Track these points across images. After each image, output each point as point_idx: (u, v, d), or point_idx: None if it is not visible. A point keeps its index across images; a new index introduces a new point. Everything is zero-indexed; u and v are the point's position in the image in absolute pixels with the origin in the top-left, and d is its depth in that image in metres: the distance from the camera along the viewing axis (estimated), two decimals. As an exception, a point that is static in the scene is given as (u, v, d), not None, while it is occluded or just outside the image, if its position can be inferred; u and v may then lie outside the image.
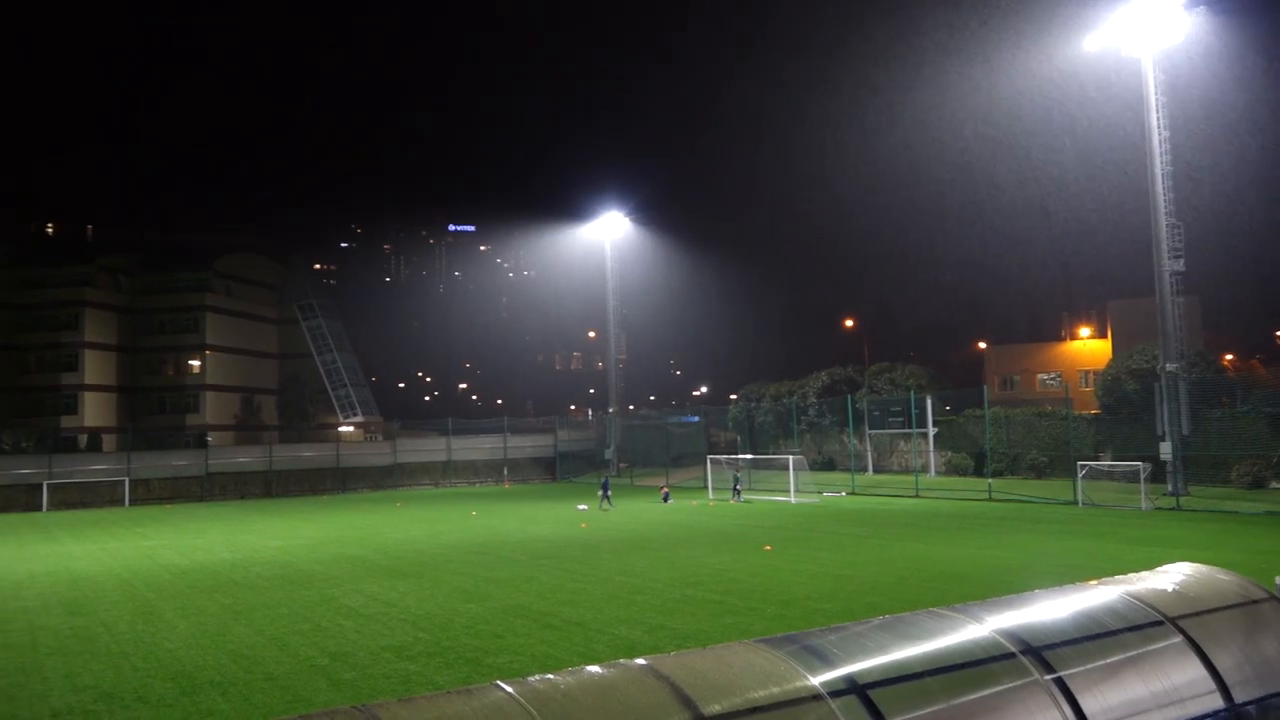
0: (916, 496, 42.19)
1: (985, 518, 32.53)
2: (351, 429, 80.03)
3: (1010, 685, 5.83)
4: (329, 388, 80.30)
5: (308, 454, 64.54)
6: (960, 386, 55.81)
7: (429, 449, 67.61)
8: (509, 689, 4.81)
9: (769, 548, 25.23)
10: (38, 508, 54.07)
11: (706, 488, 47.24)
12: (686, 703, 4.88)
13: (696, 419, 70.33)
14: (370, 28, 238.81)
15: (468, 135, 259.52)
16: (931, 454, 49.42)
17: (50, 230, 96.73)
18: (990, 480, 41.54)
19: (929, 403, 49.34)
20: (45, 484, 55.17)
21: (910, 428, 49.19)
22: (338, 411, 79.99)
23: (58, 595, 20.95)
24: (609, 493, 42.02)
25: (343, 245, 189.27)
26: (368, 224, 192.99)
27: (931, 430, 49.26)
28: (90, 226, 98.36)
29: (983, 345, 77.26)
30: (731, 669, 5.35)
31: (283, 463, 62.43)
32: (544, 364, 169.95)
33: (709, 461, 48.64)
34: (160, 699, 12.03)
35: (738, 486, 43.77)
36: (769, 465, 49.12)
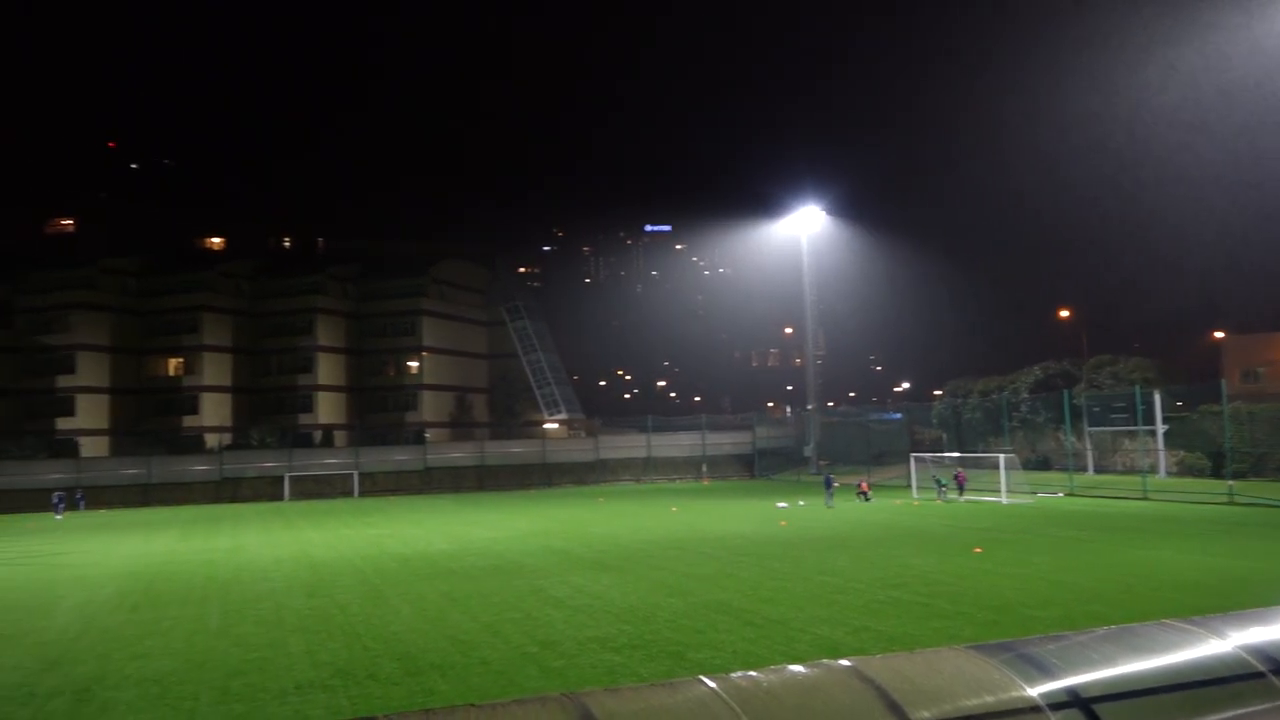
0: (1144, 499, 39.17)
1: (1224, 523, 29.78)
2: (556, 426, 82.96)
3: (1258, 708, 5.31)
4: (534, 386, 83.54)
5: (516, 450, 67.44)
6: (1193, 380, 51.31)
7: (629, 445, 69.06)
8: (711, 684, 4.84)
9: (979, 550, 24.14)
10: (280, 497, 59.30)
11: (910, 486, 45.78)
12: (893, 707, 4.75)
13: (899, 416, 68.27)
14: (564, 33, 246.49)
15: (662, 136, 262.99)
16: (1161, 453, 45.75)
17: (287, 244, 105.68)
18: (1231, 482, 37.96)
19: (1157, 398, 45.68)
20: (286, 476, 60.47)
21: (1136, 425, 45.71)
22: (543, 409, 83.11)
23: (299, 578, 22.88)
24: (833, 489, 41.62)
25: (545, 249, 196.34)
26: (568, 227, 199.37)
27: (1161, 428, 45.58)
28: (320, 239, 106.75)
29: (1219, 335, 70.71)
30: (941, 675, 5.16)
31: (493, 458, 65.55)
32: (741, 361, 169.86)
33: (912, 460, 47.11)
34: (388, 677, 12.90)
35: (943, 485, 42.18)
36: (978, 464, 47.00)
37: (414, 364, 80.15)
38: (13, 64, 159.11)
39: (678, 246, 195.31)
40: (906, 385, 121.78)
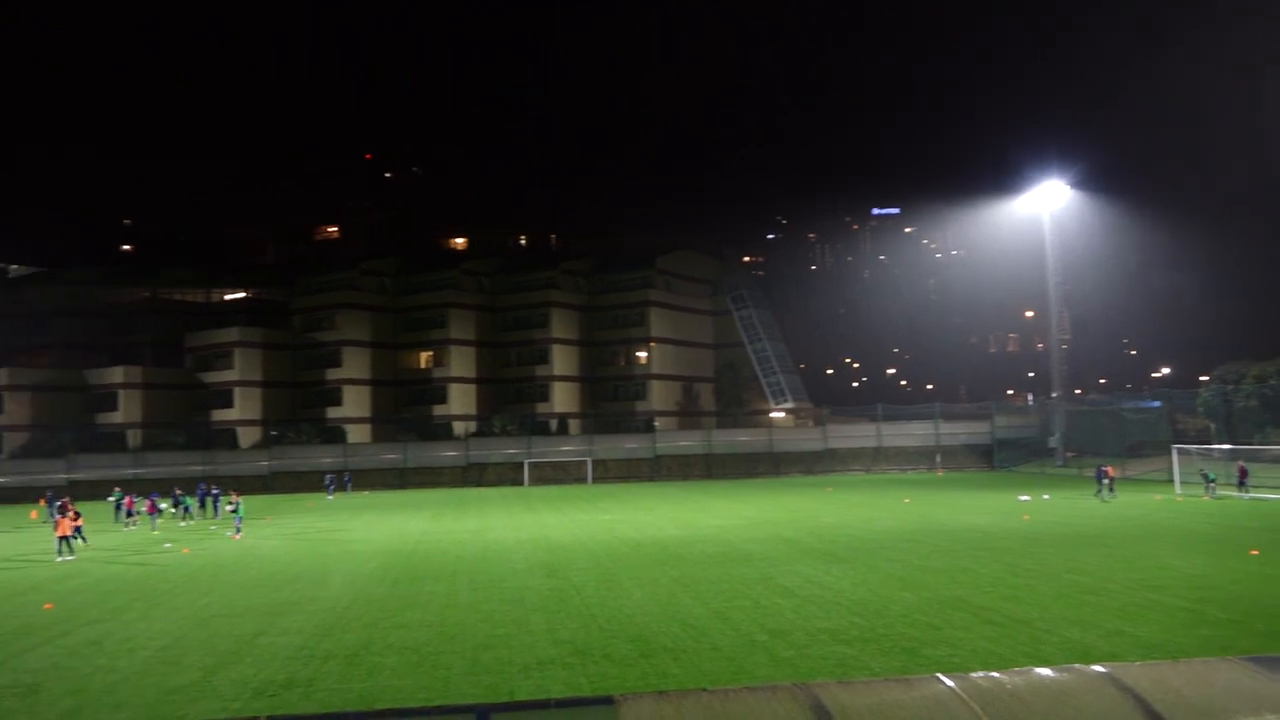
0: None
1: None
2: (782, 415, 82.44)
3: None
4: (760, 375, 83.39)
5: (743, 438, 67.63)
6: None
7: (859, 435, 67.57)
8: (950, 683, 4.67)
9: (1255, 552, 21.81)
10: (520, 482, 62.56)
11: (1173, 481, 41.99)
12: None
13: (1157, 404, 62.70)
14: (777, 14, 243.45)
15: (887, 117, 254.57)
16: None
17: (523, 243, 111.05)
18: None
19: None
20: (526, 462, 63.71)
21: None
22: (769, 398, 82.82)
23: (539, 559, 24.06)
24: (1107, 480, 38.80)
25: (769, 237, 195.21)
26: (793, 214, 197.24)
27: None
28: (554, 237, 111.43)
29: None
30: (1212, 688, 4.71)
31: (720, 446, 66.07)
32: (977, 346, 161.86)
33: (1174, 452, 43.17)
34: (623, 658, 13.33)
35: (1212, 481, 38.39)
36: (1254, 457, 42.40)
37: (643, 354, 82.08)
38: (287, 91, 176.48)
39: (907, 229, 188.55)
40: (1166, 370, 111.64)
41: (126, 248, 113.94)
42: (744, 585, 18.99)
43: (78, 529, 28.94)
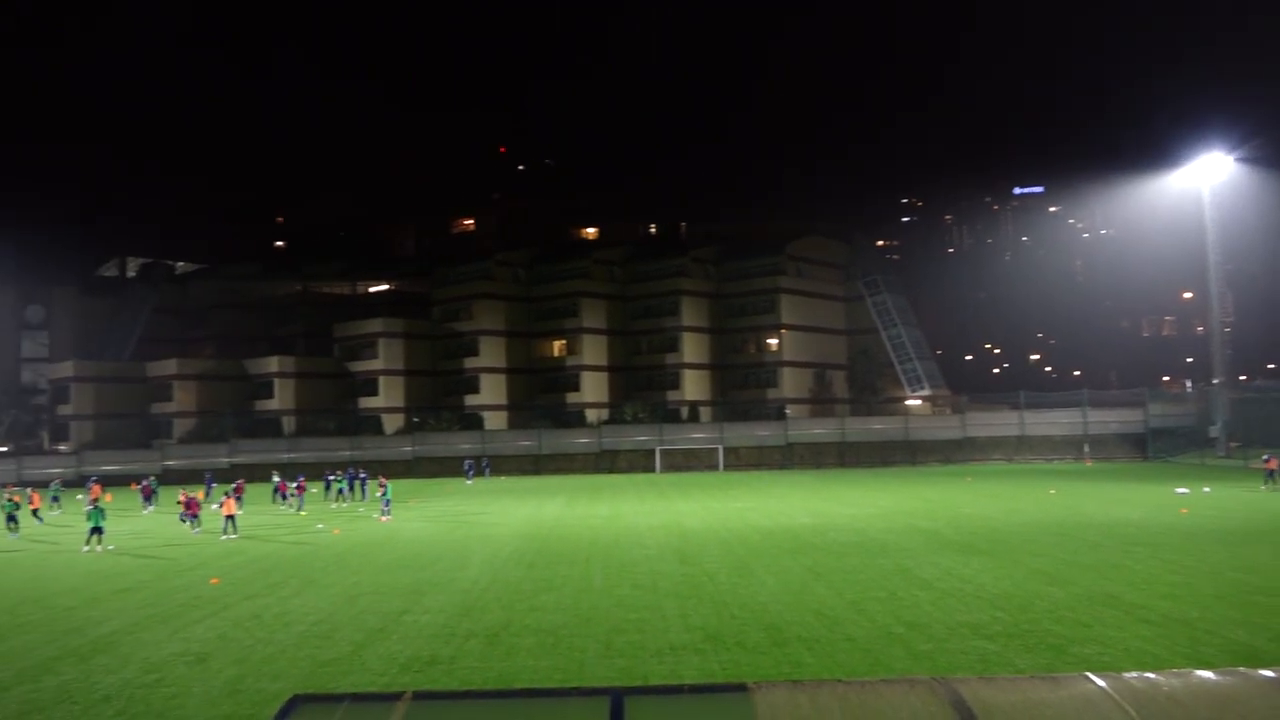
0: None
1: None
2: (919, 402, 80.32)
3: None
4: (895, 362, 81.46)
5: (877, 426, 66.25)
6: None
7: (1000, 423, 65.23)
8: (1101, 682, 4.45)
9: None
10: (652, 469, 63.07)
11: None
12: (1336, 731, 4.06)
13: (1334, 390, 58.06)
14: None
15: (1027, 92, 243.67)
16: None
17: (653, 231, 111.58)
18: None
19: None
20: (658, 449, 64.17)
21: None
22: (905, 385, 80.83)
23: (671, 546, 24.21)
24: (1270, 472, 36.44)
25: (904, 220, 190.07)
26: (928, 196, 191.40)
27: None
28: (684, 225, 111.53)
29: None
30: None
31: (854, 434, 64.93)
32: (1128, 330, 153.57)
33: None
34: (755, 646, 13.28)
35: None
36: None
37: (773, 341, 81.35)
38: (424, 88, 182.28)
39: (1051, 209, 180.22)
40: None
41: (280, 244, 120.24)
42: (879, 576, 18.63)
43: (195, 515, 30.82)
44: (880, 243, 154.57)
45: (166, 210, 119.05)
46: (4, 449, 75.42)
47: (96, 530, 26.52)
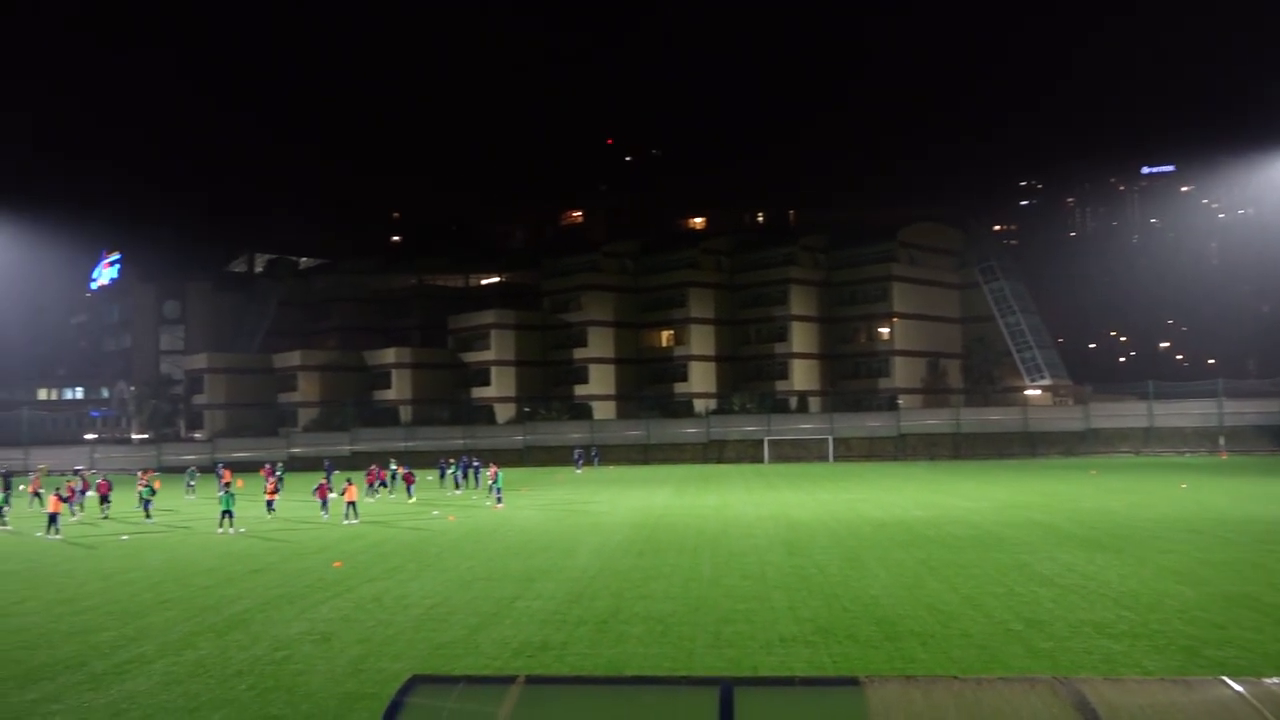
0: None
1: None
2: (1038, 392, 77.54)
3: None
4: (1013, 350, 78.84)
5: (994, 417, 64.31)
6: None
7: (1126, 414, 62.50)
8: (1238, 687, 4.21)
9: None
10: (760, 460, 62.68)
11: None
12: None
13: None
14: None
15: (1155, 67, 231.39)
16: None
17: (761, 219, 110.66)
18: None
19: None
20: (765, 439, 63.74)
21: None
22: (1023, 374, 78.15)
23: (779, 537, 24.04)
24: None
25: (1022, 203, 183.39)
26: (1049, 178, 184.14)
27: None
28: (792, 212, 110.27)
29: None
30: None
31: (969, 425, 63.18)
32: (1268, 316, 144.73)
33: None
34: (867, 640, 13.08)
35: None
36: None
37: (885, 330, 79.73)
38: (531, 84, 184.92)
39: (1183, 188, 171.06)
40: None
41: (396, 239, 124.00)
42: (996, 571, 18.09)
43: (324, 500, 31.98)
44: (997, 227, 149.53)
45: (291, 207, 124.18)
46: (145, 436, 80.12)
47: (227, 513, 27.94)
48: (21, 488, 36.22)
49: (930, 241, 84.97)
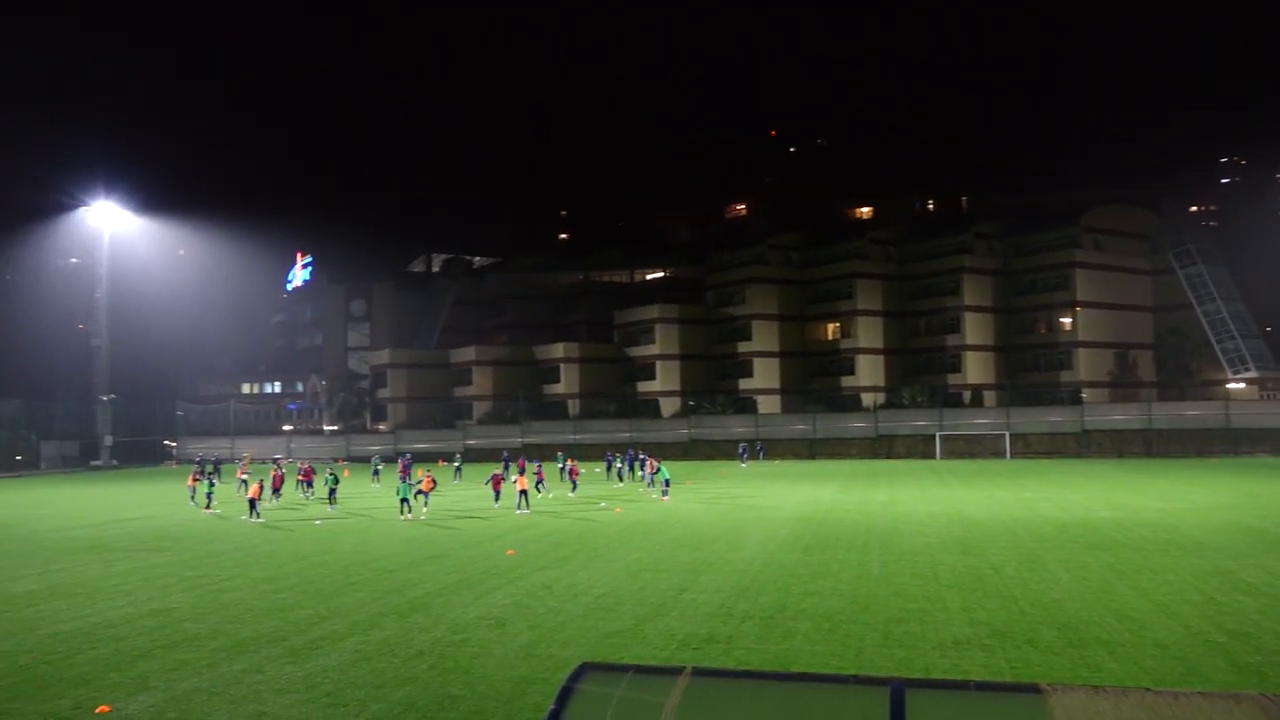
0: None
1: None
2: (1243, 386, 71.61)
3: None
4: (1213, 340, 73.14)
5: (1191, 412, 59.90)
6: None
7: (1347, 409, 56.84)
8: None
9: None
10: (931, 455, 60.70)
11: None
12: None
13: None
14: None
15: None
16: None
17: (931, 207, 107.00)
18: None
19: None
20: (937, 435, 61.65)
21: None
22: (1225, 366, 72.37)
23: (953, 535, 23.21)
24: None
25: (1224, 181, 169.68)
26: (1254, 154, 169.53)
27: None
28: (965, 199, 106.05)
29: None
30: None
31: (1162, 421, 59.10)
32: None
33: None
34: (1048, 646, 12.46)
35: None
36: None
37: (1067, 320, 75.59)
38: (694, 77, 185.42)
39: None
40: None
41: (564, 236, 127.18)
42: (1194, 577, 16.85)
43: (498, 490, 33.04)
44: (1194, 208, 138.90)
45: (465, 208, 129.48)
46: (335, 428, 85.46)
47: (405, 501, 29.51)
48: (244, 477, 39.32)
49: (1118, 225, 79.89)
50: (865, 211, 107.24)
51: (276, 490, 37.49)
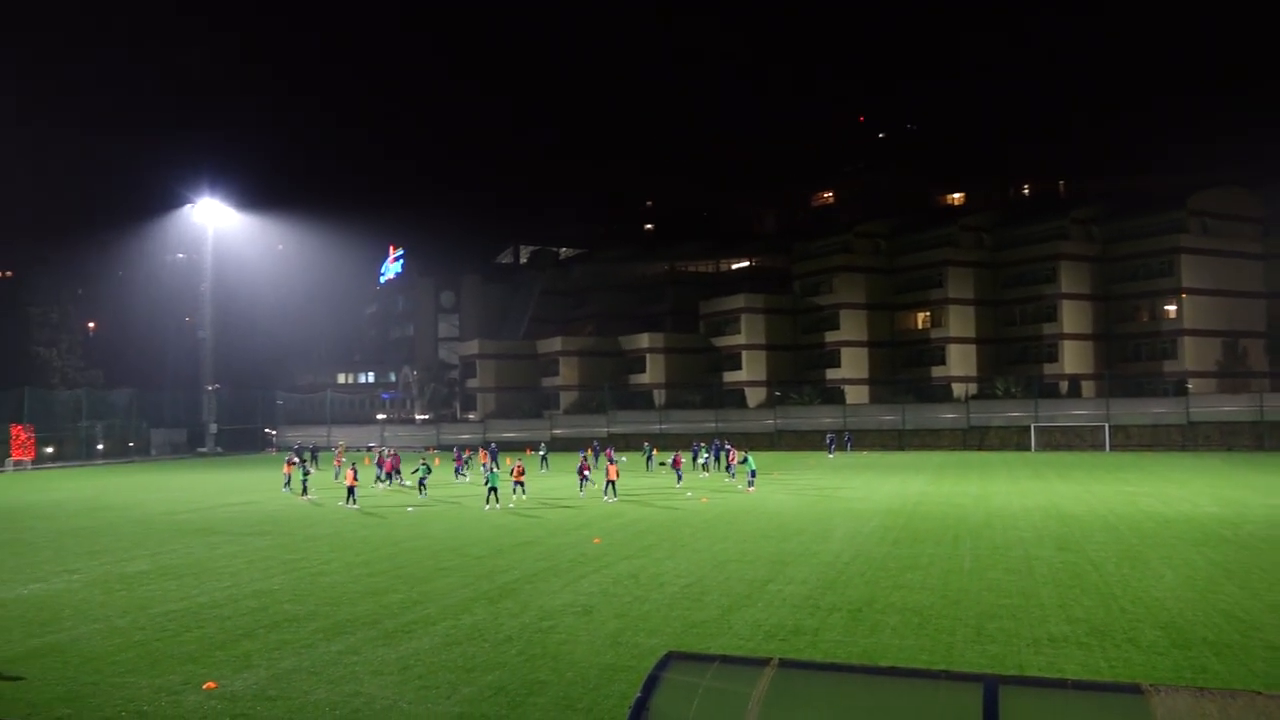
0: None
1: None
2: (1364, 376, 67.76)
3: None
4: (1333, 328, 69.40)
5: (1306, 404, 56.92)
6: None
7: None
8: None
9: None
10: (1026, 447, 59.09)
11: None
12: None
13: None
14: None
15: None
16: None
17: (1026, 192, 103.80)
18: None
19: None
20: (1032, 426, 59.96)
21: None
22: (1345, 356, 68.60)
23: (1048, 530, 22.58)
24: None
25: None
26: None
27: None
28: (1061, 183, 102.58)
29: None
30: None
31: (1275, 413, 56.34)
32: None
33: None
34: (1150, 645, 12.04)
35: None
36: None
37: (1171, 307, 72.57)
38: (777, 68, 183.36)
39: None
40: None
41: (649, 227, 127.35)
42: (1309, 577, 16.06)
43: (584, 478, 33.25)
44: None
45: (551, 200, 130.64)
46: (426, 417, 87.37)
47: (494, 490, 30.01)
48: (355, 464, 40.61)
49: (1227, 208, 76.26)
50: (957, 197, 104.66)
51: (389, 475, 38.64)
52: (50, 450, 61.20)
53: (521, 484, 31.85)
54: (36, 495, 38.41)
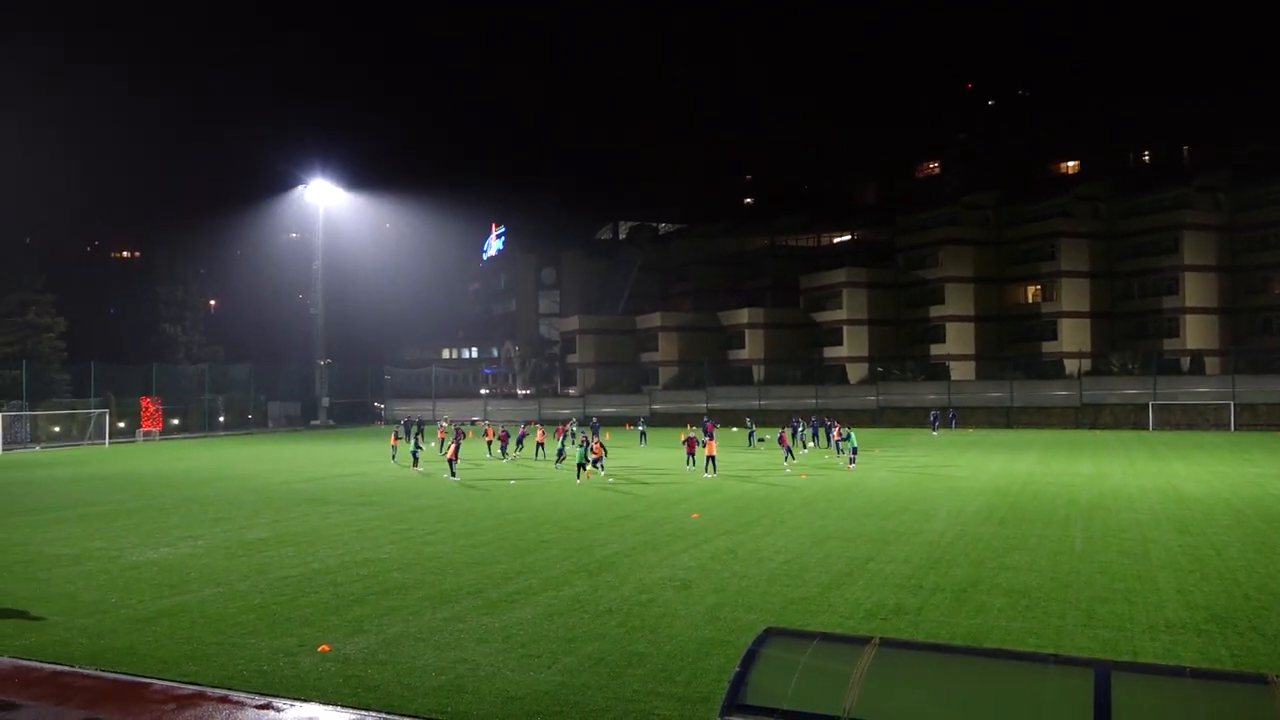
0: None
1: None
2: None
3: None
4: None
5: None
6: None
7: None
8: None
9: None
10: (1144, 426, 56.71)
11: None
12: None
13: None
14: None
15: None
16: None
17: (1146, 159, 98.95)
18: None
19: None
20: (1150, 404, 57.49)
21: None
22: None
23: (1166, 512, 21.66)
24: None
25: None
26: None
27: None
28: (1186, 148, 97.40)
29: None
30: None
31: None
32: None
33: None
34: (1277, 634, 11.48)
35: None
36: None
37: (1306, 279, 68.43)
38: (883, 37, 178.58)
39: None
40: None
41: (748, 201, 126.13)
42: None
43: (691, 453, 33.29)
44: None
45: (650, 175, 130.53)
46: (528, 392, 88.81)
47: (581, 465, 30.54)
48: (473, 431, 41.73)
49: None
50: (1070, 166, 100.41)
51: (505, 447, 39.80)
52: (176, 422, 64.56)
53: (598, 460, 32.52)
54: (165, 465, 40.56)
